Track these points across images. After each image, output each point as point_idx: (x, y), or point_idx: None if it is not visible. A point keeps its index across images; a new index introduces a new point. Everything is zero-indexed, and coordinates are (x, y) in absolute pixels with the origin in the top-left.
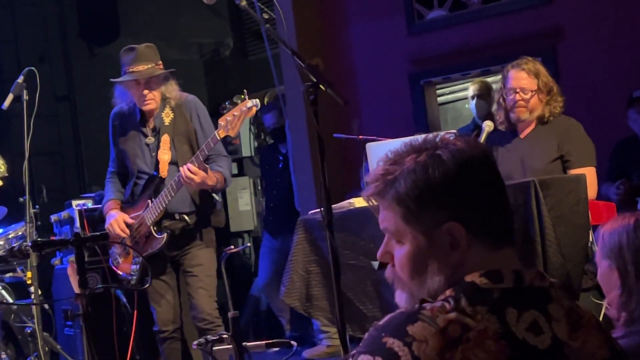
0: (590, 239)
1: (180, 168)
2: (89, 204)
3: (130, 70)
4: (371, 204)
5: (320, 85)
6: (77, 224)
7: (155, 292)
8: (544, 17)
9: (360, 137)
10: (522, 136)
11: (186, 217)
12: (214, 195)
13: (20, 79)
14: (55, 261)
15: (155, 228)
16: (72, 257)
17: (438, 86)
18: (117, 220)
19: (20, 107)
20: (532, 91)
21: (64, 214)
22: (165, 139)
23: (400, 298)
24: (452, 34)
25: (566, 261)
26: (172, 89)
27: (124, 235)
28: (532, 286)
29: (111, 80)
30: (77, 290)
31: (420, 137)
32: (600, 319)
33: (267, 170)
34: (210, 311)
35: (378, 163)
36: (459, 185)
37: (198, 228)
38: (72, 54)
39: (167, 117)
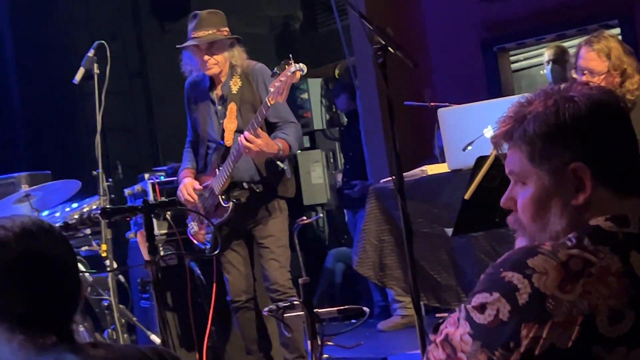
0: None
1: (240, 139)
2: (162, 176)
3: (193, 36)
4: (497, 149)
5: (389, 48)
6: (150, 196)
7: (228, 262)
8: None
9: (432, 104)
10: None
11: (253, 186)
12: (279, 163)
13: (91, 53)
14: (130, 234)
15: (223, 197)
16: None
17: (512, 52)
18: (185, 186)
19: (93, 84)
20: (600, 74)
21: (137, 187)
22: (232, 107)
23: (521, 244)
24: None
25: None
26: (238, 56)
27: (191, 200)
28: None
29: (176, 46)
30: (146, 257)
31: (553, 86)
32: None
33: (343, 147)
34: (282, 282)
35: (509, 108)
36: (589, 127)
37: (266, 198)
38: (144, 30)
39: (235, 85)
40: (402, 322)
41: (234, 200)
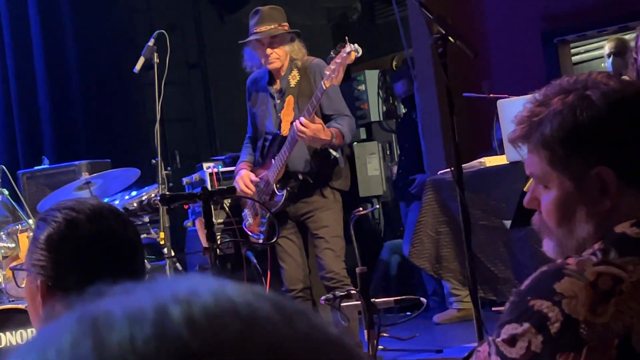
0: None
1: (295, 124)
2: (220, 166)
3: (255, 31)
4: (517, 150)
5: (449, 37)
6: (208, 185)
7: (283, 251)
8: None
9: (491, 95)
10: None
11: (308, 177)
12: (332, 151)
13: (151, 42)
14: (188, 223)
15: (278, 186)
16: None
17: (572, 44)
18: (242, 177)
19: (153, 74)
20: None
21: (195, 176)
22: (290, 99)
23: (548, 246)
24: None
25: None
26: (298, 50)
27: (248, 191)
28: None
29: (239, 42)
30: (205, 244)
31: (569, 77)
32: None
33: (400, 138)
34: (338, 270)
35: (525, 105)
36: (610, 127)
37: (320, 189)
38: (202, 21)
39: (294, 79)
40: (457, 315)
41: (288, 189)
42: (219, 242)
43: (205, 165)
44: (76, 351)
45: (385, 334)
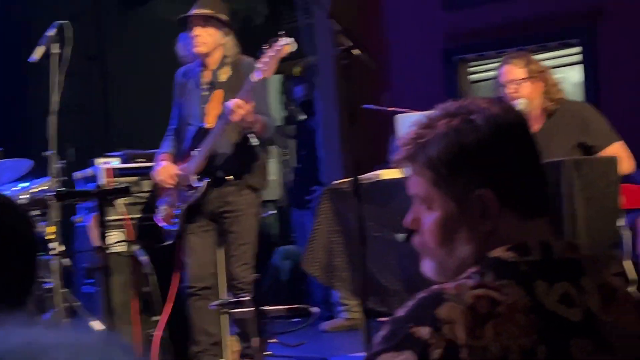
0: (623, 222)
1: (228, 102)
2: (115, 162)
3: (192, 12)
4: (401, 169)
5: (355, 50)
6: (102, 181)
7: (190, 246)
8: None
9: (391, 108)
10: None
11: (228, 174)
12: (251, 139)
13: (51, 32)
14: (77, 218)
15: (197, 177)
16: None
17: (471, 63)
18: (165, 168)
19: (51, 65)
20: (521, 79)
21: (89, 171)
22: (218, 93)
23: (427, 267)
24: (488, 11)
25: (594, 243)
26: (231, 47)
27: (170, 181)
28: (562, 258)
29: (178, 18)
30: (97, 243)
31: (454, 102)
32: None
33: (298, 145)
34: (244, 279)
35: (410, 127)
36: (492, 151)
37: (238, 187)
38: (103, 13)
39: (225, 74)
40: (345, 325)
41: (207, 179)
42: (112, 240)
43: (100, 160)
44: None
45: (273, 340)
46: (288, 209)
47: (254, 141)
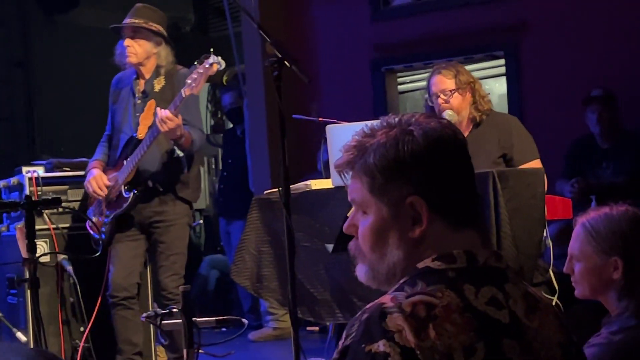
0: (545, 234)
1: (158, 110)
2: (40, 171)
3: (124, 22)
4: (342, 176)
5: (285, 61)
6: (27, 191)
7: (116, 255)
8: (510, 11)
9: (320, 119)
10: None
11: (158, 186)
12: (177, 151)
13: None
14: (2, 228)
15: (125, 187)
16: (20, 224)
17: (399, 74)
18: (95, 178)
19: None
20: (451, 90)
21: (13, 180)
22: (151, 104)
23: (361, 271)
24: (416, 23)
25: (520, 254)
26: (164, 57)
27: (100, 193)
28: (487, 265)
29: (110, 27)
30: (25, 255)
31: (396, 115)
32: None
33: (225, 153)
34: (173, 290)
35: (353, 136)
36: (426, 162)
37: (168, 198)
38: (29, 19)
39: (159, 84)
40: (273, 334)
41: (135, 192)
42: (40, 251)
43: (25, 169)
44: None
45: (201, 351)
46: (215, 218)
47: (179, 153)
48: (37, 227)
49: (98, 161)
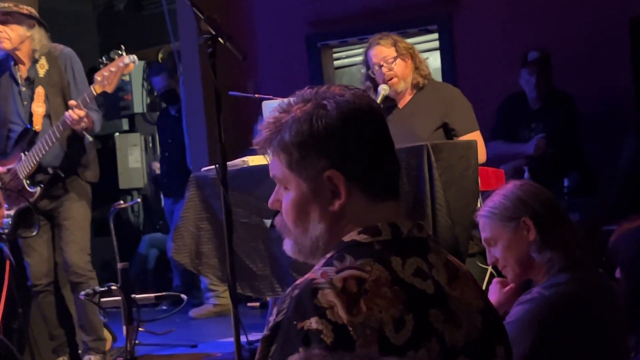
0: (479, 205)
1: (68, 112)
2: None
3: None
4: (263, 153)
5: (219, 39)
6: None
7: (28, 245)
8: None
9: (257, 95)
10: (400, 106)
11: (58, 171)
12: (87, 135)
13: None
14: None
15: (28, 182)
16: None
17: (335, 49)
18: None
19: None
20: (394, 58)
21: None
22: (40, 91)
23: (287, 245)
24: None
25: (455, 225)
26: (39, 40)
27: None
28: (410, 236)
29: None
30: None
31: (310, 89)
32: (485, 282)
33: (161, 134)
34: (81, 264)
35: (271, 113)
36: (341, 135)
37: (69, 181)
38: None
39: (42, 68)
40: (213, 311)
41: (41, 186)
42: None
43: None
44: None
45: (141, 329)
46: (154, 197)
47: (89, 137)
48: None
49: None
